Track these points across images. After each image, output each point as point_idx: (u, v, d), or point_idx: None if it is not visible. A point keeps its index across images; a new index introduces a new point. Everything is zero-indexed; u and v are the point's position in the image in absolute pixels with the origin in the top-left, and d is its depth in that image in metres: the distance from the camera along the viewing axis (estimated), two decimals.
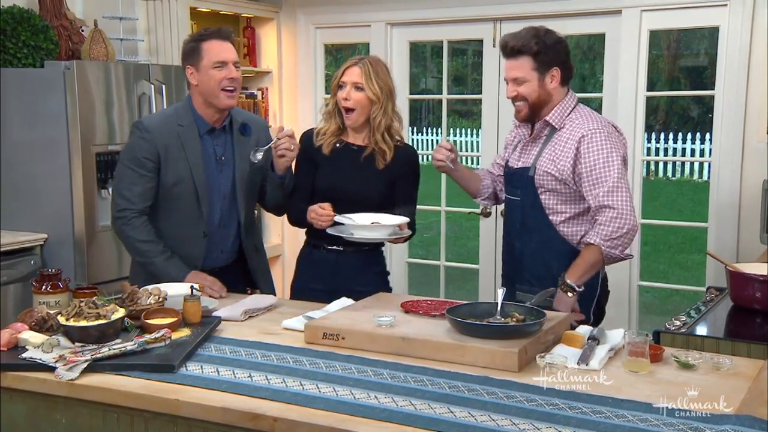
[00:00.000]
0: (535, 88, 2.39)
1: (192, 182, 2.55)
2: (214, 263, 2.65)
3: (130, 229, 2.55)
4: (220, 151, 2.62)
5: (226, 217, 2.65)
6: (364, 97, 2.56)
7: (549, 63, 2.38)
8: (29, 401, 1.82)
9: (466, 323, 1.93)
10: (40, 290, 2.18)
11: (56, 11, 3.69)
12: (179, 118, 2.59)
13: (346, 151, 2.63)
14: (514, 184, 2.53)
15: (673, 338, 2.20)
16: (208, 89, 2.52)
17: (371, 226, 2.44)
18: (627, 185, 2.36)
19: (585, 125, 2.38)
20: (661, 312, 5.76)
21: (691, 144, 12.09)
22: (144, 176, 2.53)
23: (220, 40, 2.53)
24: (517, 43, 2.37)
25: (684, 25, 3.98)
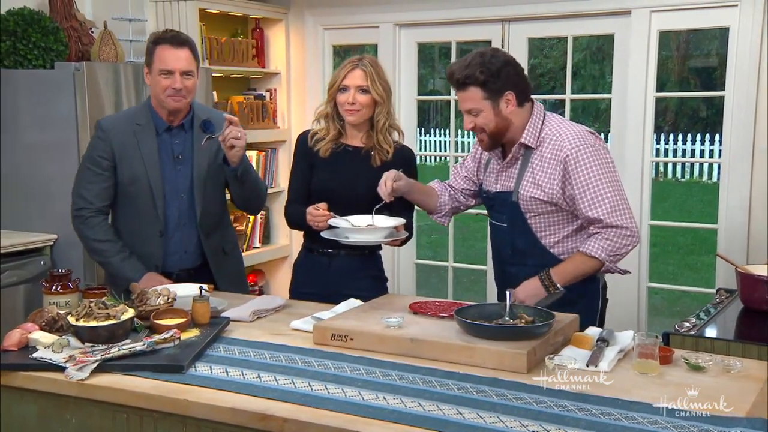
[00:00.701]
0: (490, 117, 2.27)
1: (146, 180, 2.55)
2: (181, 264, 2.63)
3: (86, 229, 2.57)
4: (178, 149, 2.60)
5: (185, 217, 2.62)
6: (370, 99, 2.55)
7: (500, 89, 2.25)
8: (40, 401, 1.82)
9: (475, 324, 1.92)
10: (50, 290, 2.19)
11: (66, 13, 3.71)
12: (137, 116, 2.61)
13: (343, 153, 2.62)
14: (497, 209, 2.43)
15: (683, 340, 2.19)
16: (155, 92, 2.55)
17: (366, 228, 2.41)
18: (624, 195, 2.29)
19: (566, 143, 2.27)
20: (671, 314, 5.73)
21: (701, 145, 12.04)
22: (100, 175, 2.55)
23: (173, 47, 2.50)
24: (461, 75, 2.25)
25: (694, 25, 3.96)
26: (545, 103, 3.58)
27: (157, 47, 2.51)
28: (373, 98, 2.55)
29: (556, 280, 2.28)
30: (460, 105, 2.33)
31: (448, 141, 13.15)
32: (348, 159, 2.61)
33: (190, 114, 2.62)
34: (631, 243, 2.27)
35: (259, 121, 4.59)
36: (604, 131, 10.46)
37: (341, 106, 2.57)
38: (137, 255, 2.56)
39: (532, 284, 2.29)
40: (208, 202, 2.65)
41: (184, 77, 2.51)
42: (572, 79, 4.37)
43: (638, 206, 3.87)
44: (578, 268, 2.29)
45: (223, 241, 2.73)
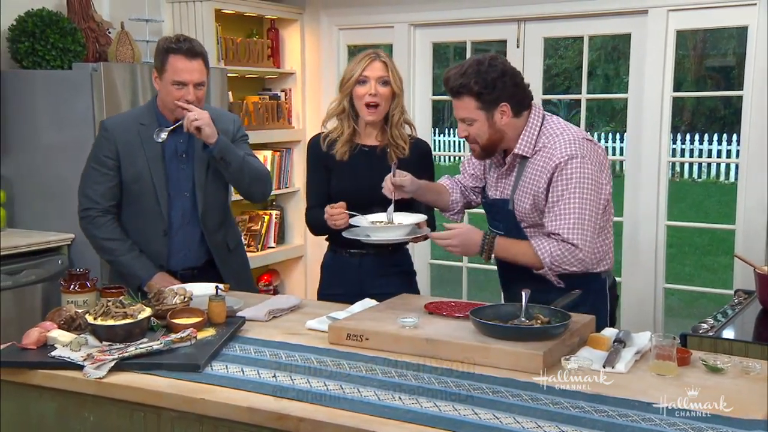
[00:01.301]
0: (484, 128, 2.22)
1: (150, 179, 2.57)
2: (185, 263, 2.64)
3: (93, 228, 2.59)
4: (182, 149, 2.62)
5: (189, 215, 2.64)
6: (390, 91, 2.52)
7: (495, 100, 2.19)
8: (58, 399, 1.84)
9: (491, 325, 1.92)
10: (68, 289, 2.20)
11: (84, 14, 3.74)
12: (142, 116, 2.63)
13: (360, 154, 2.59)
14: (493, 215, 2.40)
15: (701, 341, 2.17)
16: (166, 101, 2.56)
17: (387, 226, 2.39)
18: (593, 215, 2.19)
19: (557, 152, 2.20)
20: (687, 315, 5.68)
21: (718, 145, 11.94)
22: (105, 175, 2.57)
23: (187, 58, 2.49)
24: (455, 83, 2.20)
25: (712, 24, 3.93)
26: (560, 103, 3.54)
27: (170, 56, 2.50)
28: (393, 90, 2.52)
29: (495, 250, 2.24)
30: (455, 112, 2.28)
31: (462, 141, 13.09)
32: (366, 160, 2.59)
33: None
34: (577, 264, 2.18)
35: (274, 121, 4.61)
36: (621, 131, 10.39)
37: (360, 99, 2.52)
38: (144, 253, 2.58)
39: (473, 238, 2.24)
40: (210, 200, 2.66)
41: (197, 89, 2.52)
42: (588, 78, 4.35)
43: (655, 206, 3.84)
44: (520, 254, 2.24)
45: (227, 238, 2.74)
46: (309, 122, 4.78)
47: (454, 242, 2.25)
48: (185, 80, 2.49)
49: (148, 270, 2.55)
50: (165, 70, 2.51)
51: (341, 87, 2.58)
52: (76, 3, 3.73)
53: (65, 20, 3.58)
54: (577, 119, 4.85)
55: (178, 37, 2.57)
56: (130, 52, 3.69)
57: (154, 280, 2.52)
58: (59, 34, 3.52)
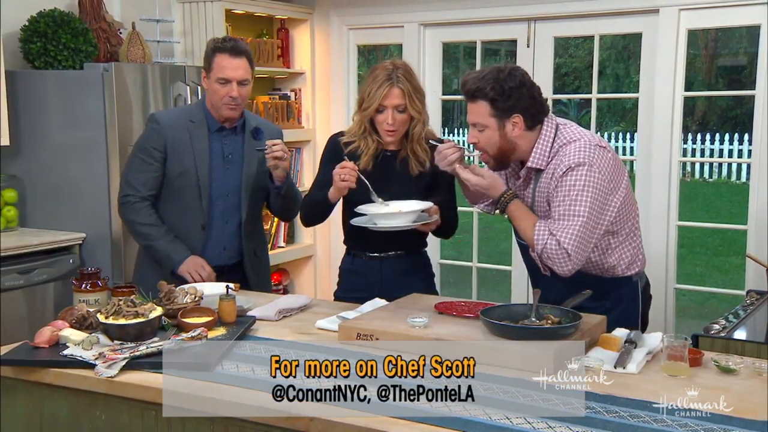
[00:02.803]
0: (494, 137, 2.19)
1: (195, 175, 2.64)
2: (219, 260, 2.70)
3: (131, 213, 2.66)
4: (228, 150, 2.70)
5: (229, 215, 2.71)
6: (407, 117, 2.47)
7: (508, 110, 2.16)
8: (70, 397, 1.85)
9: (501, 325, 1.92)
10: (80, 288, 2.21)
11: (95, 14, 3.76)
12: (192, 114, 2.70)
13: (382, 159, 2.55)
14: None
15: (713, 342, 2.16)
16: (212, 99, 2.65)
17: (394, 213, 2.35)
18: (596, 227, 2.15)
19: (567, 158, 2.17)
20: (699, 315, 5.66)
21: (729, 145, 11.87)
22: (150, 165, 2.64)
23: (231, 56, 2.59)
24: (472, 86, 2.18)
25: (724, 23, 3.91)
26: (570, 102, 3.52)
27: (216, 55, 2.59)
28: (410, 115, 2.47)
29: (508, 207, 2.21)
30: (468, 116, 2.25)
31: None
32: (386, 166, 2.53)
33: (242, 119, 2.72)
34: (560, 269, 2.14)
35: (283, 121, 4.61)
36: (631, 131, 10.35)
37: (380, 125, 2.48)
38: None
39: (499, 186, 2.22)
40: (252, 205, 2.74)
41: (240, 86, 2.59)
42: (598, 78, 4.33)
43: (666, 207, 3.83)
44: (523, 225, 2.20)
45: (255, 244, 2.81)
46: (319, 122, 4.78)
47: (485, 182, 2.23)
48: (229, 77, 2.57)
49: (181, 253, 2.61)
50: (211, 69, 2.60)
51: (360, 108, 2.51)
52: (87, 3, 3.75)
53: (77, 20, 3.60)
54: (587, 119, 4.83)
55: (225, 37, 2.69)
56: (141, 52, 3.71)
57: (186, 262, 2.60)
58: (71, 34, 3.53)
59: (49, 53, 3.51)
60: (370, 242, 2.53)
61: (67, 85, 3.49)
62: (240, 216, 2.72)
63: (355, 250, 2.63)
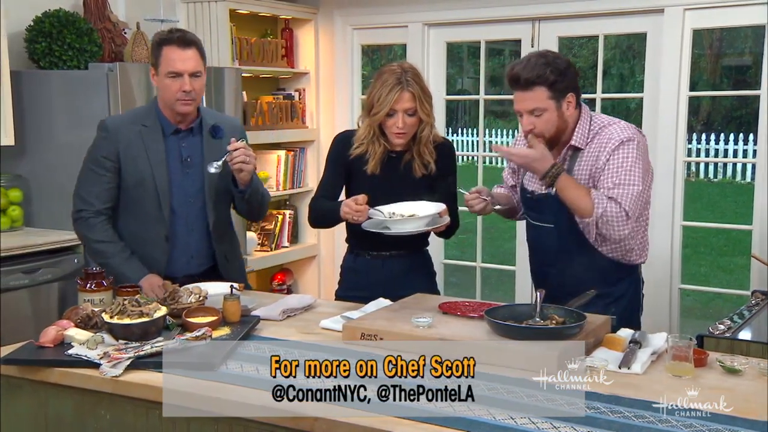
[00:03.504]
0: (553, 118, 2.27)
1: (153, 183, 2.47)
2: (188, 270, 2.52)
3: (85, 230, 2.49)
4: (186, 153, 2.52)
5: (194, 222, 2.54)
6: (416, 120, 2.47)
7: (564, 90, 2.27)
8: (75, 396, 1.85)
9: (505, 325, 1.92)
10: (84, 288, 2.20)
11: (100, 14, 3.77)
12: (143, 118, 2.52)
13: (387, 161, 2.54)
14: (540, 210, 2.40)
15: (718, 343, 2.16)
16: (165, 97, 2.46)
17: (408, 218, 2.36)
18: (645, 197, 2.30)
19: (615, 135, 2.29)
20: (703, 316, 5.65)
21: (734, 145, 11.84)
22: (103, 176, 2.47)
23: (180, 48, 2.40)
24: (531, 74, 2.23)
25: (728, 23, 3.90)
26: None
27: (162, 48, 2.42)
28: (420, 118, 2.47)
29: (560, 179, 2.24)
30: (521, 105, 2.28)
31: (476, 140, 13.10)
32: (391, 168, 2.52)
33: (199, 118, 2.53)
34: (619, 232, 2.24)
35: (287, 121, 4.62)
36: None
37: (389, 128, 2.47)
38: (141, 259, 2.47)
39: (548, 158, 2.25)
40: (219, 208, 2.58)
41: (193, 79, 2.42)
42: (602, 77, 4.32)
43: (670, 206, 3.82)
44: (576, 194, 2.24)
45: (225, 247, 2.64)
46: (323, 122, 4.79)
47: (515, 159, 2.32)
48: (179, 70, 2.40)
49: (138, 272, 2.42)
50: (159, 64, 2.42)
51: (369, 112, 2.49)
52: (92, 3, 3.75)
53: (82, 21, 3.61)
54: None
55: (170, 29, 2.49)
56: (146, 52, 3.71)
57: (141, 283, 2.38)
58: (76, 34, 3.54)
59: (54, 53, 3.52)
60: (373, 241, 2.52)
61: (72, 85, 3.49)
62: (206, 221, 2.54)
63: (358, 249, 2.64)
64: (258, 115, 4.39)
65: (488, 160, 11.81)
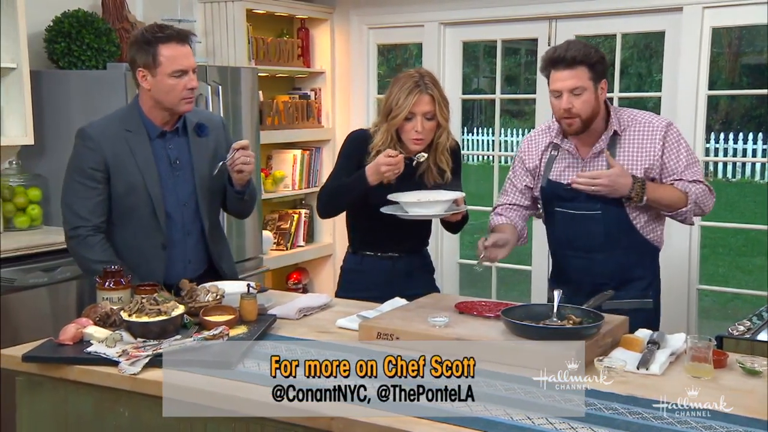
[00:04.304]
0: (592, 99, 2.36)
1: (145, 190, 2.36)
2: (184, 275, 2.39)
3: (84, 250, 2.36)
4: (174, 155, 2.42)
5: (189, 226, 2.47)
6: (434, 125, 2.47)
7: (601, 75, 2.38)
8: (95, 394, 1.87)
9: (523, 325, 1.91)
10: (103, 287, 2.20)
11: (118, 14, 3.80)
12: (126, 122, 2.40)
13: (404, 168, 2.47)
14: (584, 198, 2.40)
15: (737, 344, 2.13)
16: (165, 97, 2.34)
17: (426, 202, 2.36)
18: None
19: (655, 121, 2.45)
20: (722, 317, 5.61)
21: (753, 144, 11.73)
22: (94, 189, 2.35)
23: (180, 44, 2.31)
24: (577, 53, 2.33)
25: (748, 21, 3.86)
26: None
27: (161, 46, 2.29)
28: (439, 123, 2.47)
29: (647, 189, 2.34)
30: (561, 84, 2.34)
31: (491, 140, 13.07)
32: (406, 175, 2.47)
33: (182, 117, 2.43)
34: (712, 202, 2.47)
35: (303, 121, 4.63)
36: None
37: (407, 133, 2.45)
38: (139, 272, 2.35)
39: (624, 180, 2.33)
40: (211, 210, 2.52)
41: (195, 74, 2.35)
42: (620, 77, 4.30)
43: None
44: (667, 194, 2.39)
45: (224, 248, 2.61)
46: (338, 121, 4.80)
47: (603, 181, 2.32)
48: (185, 67, 2.30)
49: None
50: (159, 63, 2.29)
51: (387, 117, 2.47)
52: (110, 4, 3.79)
53: (100, 21, 3.64)
54: None
55: (159, 25, 2.35)
56: None
57: None
58: (94, 34, 3.57)
59: (73, 53, 3.55)
60: (378, 242, 2.54)
61: (91, 84, 3.52)
62: (201, 224, 2.47)
63: (362, 250, 2.64)
64: (274, 114, 4.41)
65: (504, 160, 11.74)
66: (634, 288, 2.45)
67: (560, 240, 2.54)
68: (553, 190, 2.50)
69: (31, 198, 3.56)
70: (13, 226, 3.49)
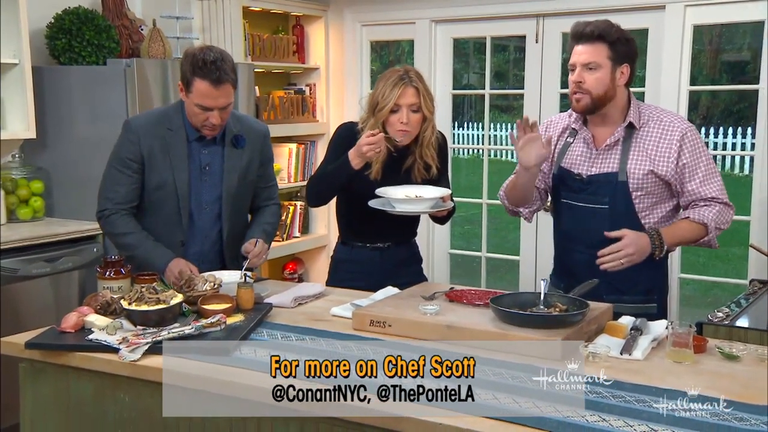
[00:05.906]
0: (606, 79, 2.28)
1: (174, 188, 2.47)
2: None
3: (110, 226, 2.50)
4: (206, 160, 2.51)
5: (209, 228, 2.56)
6: (420, 117, 2.51)
7: (622, 57, 2.30)
8: (95, 380, 1.90)
9: (510, 312, 1.95)
10: (104, 276, 2.24)
11: (117, 11, 3.82)
12: (170, 121, 2.49)
13: (391, 163, 2.57)
14: (592, 191, 2.37)
15: (716, 330, 2.17)
16: (190, 117, 2.46)
17: (414, 199, 2.41)
18: None
19: (676, 122, 2.36)
20: (702, 304, 5.69)
21: (733, 138, 11.82)
22: (129, 177, 2.47)
23: (213, 86, 2.33)
24: (597, 28, 2.28)
25: (728, 19, 3.93)
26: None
27: (196, 80, 2.34)
28: (424, 115, 2.51)
29: (665, 239, 2.29)
30: (577, 58, 2.30)
31: (481, 134, 13.11)
32: (393, 171, 2.55)
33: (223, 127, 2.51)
34: (731, 217, 2.38)
35: (298, 115, 4.69)
36: None
37: (392, 125, 2.50)
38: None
39: (643, 239, 2.27)
40: (234, 218, 2.59)
41: (222, 111, 2.40)
42: None
43: None
44: (686, 232, 2.33)
45: (238, 252, 2.57)
46: (332, 116, 4.85)
47: (630, 250, 2.25)
48: (210, 105, 2.37)
49: (164, 257, 2.42)
50: (190, 91, 2.37)
51: (373, 111, 2.52)
52: (110, 1, 3.81)
53: (100, 18, 3.67)
54: None
55: (206, 60, 2.33)
56: (162, 48, 3.78)
57: (169, 266, 2.39)
58: (94, 31, 3.60)
59: (74, 49, 3.57)
60: (366, 233, 2.59)
61: (91, 80, 3.55)
62: (221, 228, 2.56)
63: (352, 241, 2.68)
64: (270, 109, 4.46)
65: (493, 153, 11.81)
66: (638, 292, 2.37)
67: (564, 233, 2.48)
68: (562, 179, 2.45)
69: (34, 190, 3.59)
70: (16, 218, 3.53)
